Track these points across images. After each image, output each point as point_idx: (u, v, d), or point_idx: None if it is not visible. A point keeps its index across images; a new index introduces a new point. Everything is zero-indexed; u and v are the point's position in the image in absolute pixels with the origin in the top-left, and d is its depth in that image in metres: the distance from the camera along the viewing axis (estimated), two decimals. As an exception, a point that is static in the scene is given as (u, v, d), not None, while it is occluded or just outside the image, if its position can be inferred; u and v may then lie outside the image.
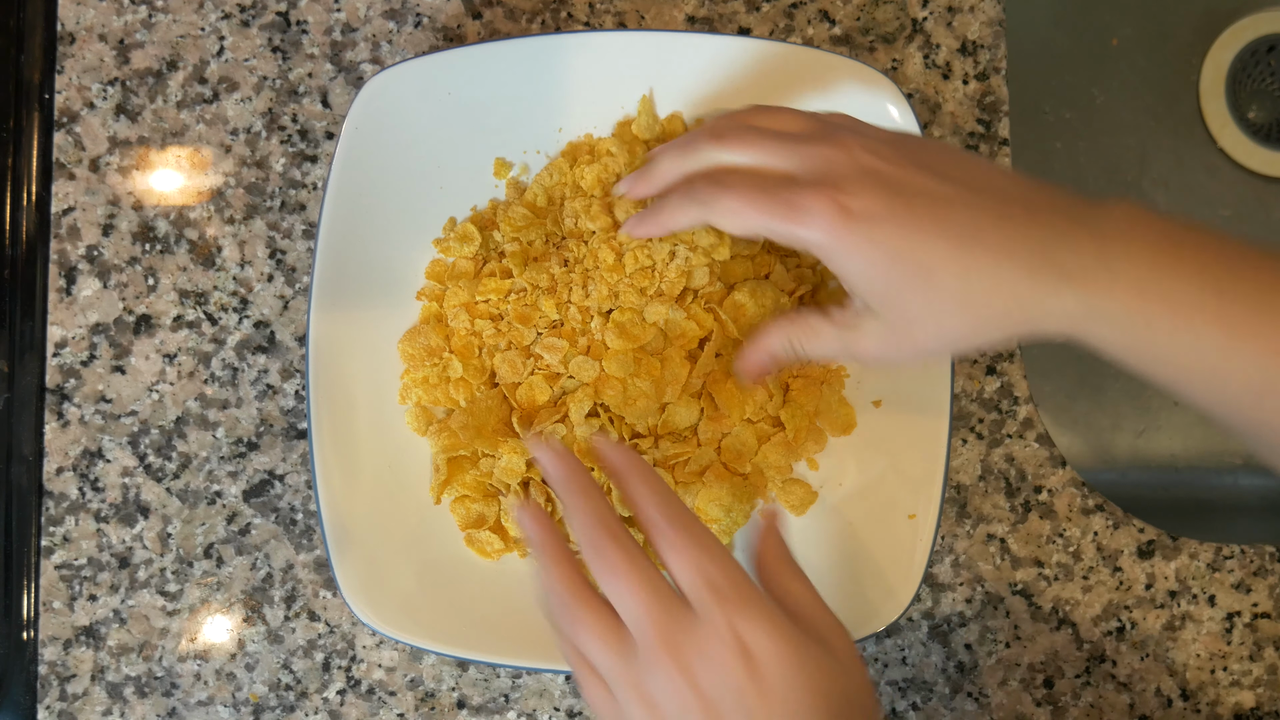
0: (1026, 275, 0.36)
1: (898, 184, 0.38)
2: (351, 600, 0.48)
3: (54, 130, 0.55)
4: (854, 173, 0.38)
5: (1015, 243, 0.36)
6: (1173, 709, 0.54)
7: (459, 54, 0.50)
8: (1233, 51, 0.75)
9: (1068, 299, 0.36)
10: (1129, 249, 0.35)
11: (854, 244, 0.37)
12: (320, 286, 0.49)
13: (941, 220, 0.37)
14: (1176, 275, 0.35)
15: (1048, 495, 0.54)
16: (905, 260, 0.37)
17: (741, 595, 0.34)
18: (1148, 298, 0.35)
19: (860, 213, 0.37)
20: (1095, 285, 0.35)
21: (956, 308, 0.37)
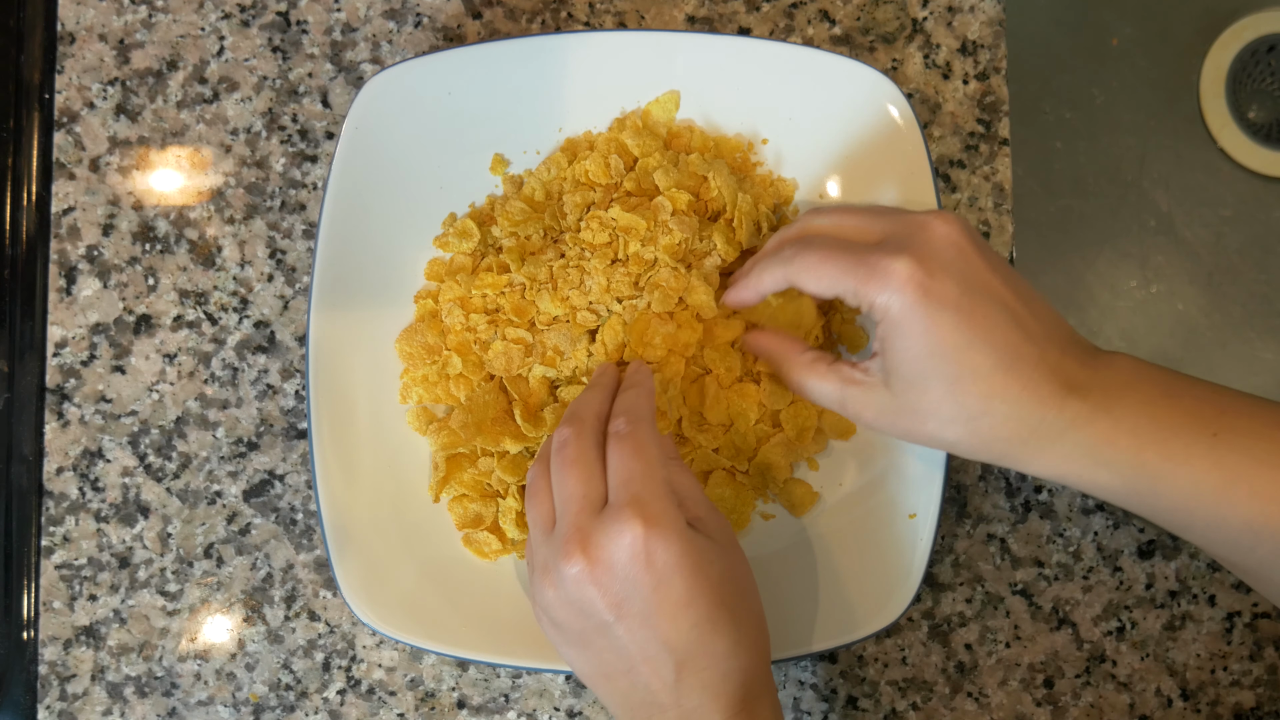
0: (1039, 418, 0.38)
1: (976, 279, 0.39)
2: (351, 600, 0.48)
3: (54, 130, 0.55)
4: (939, 250, 0.39)
5: (1041, 379, 0.38)
6: (1173, 709, 0.54)
7: (459, 54, 0.50)
8: (1233, 51, 0.75)
9: (1069, 445, 0.38)
10: (1131, 402, 0.38)
11: (918, 320, 0.38)
12: (320, 286, 0.49)
13: (999, 334, 0.38)
14: (1174, 425, 0.37)
15: (1048, 495, 0.54)
16: (953, 357, 0.38)
17: (662, 513, 0.38)
18: (1146, 444, 0.37)
19: (936, 294, 0.38)
20: (1096, 434, 0.38)
21: (969, 419, 0.39)
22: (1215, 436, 0.37)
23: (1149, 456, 0.37)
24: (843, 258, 0.40)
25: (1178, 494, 0.37)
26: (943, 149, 0.56)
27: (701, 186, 0.50)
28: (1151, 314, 0.73)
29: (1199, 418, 0.37)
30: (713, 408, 0.50)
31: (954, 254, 0.39)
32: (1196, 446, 0.37)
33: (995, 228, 0.56)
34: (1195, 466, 0.37)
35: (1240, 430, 0.37)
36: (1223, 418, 0.37)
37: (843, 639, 0.48)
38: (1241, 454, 0.36)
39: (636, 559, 0.38)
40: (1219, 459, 0.37)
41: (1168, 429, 0.37)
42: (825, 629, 0.49)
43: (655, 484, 0.39)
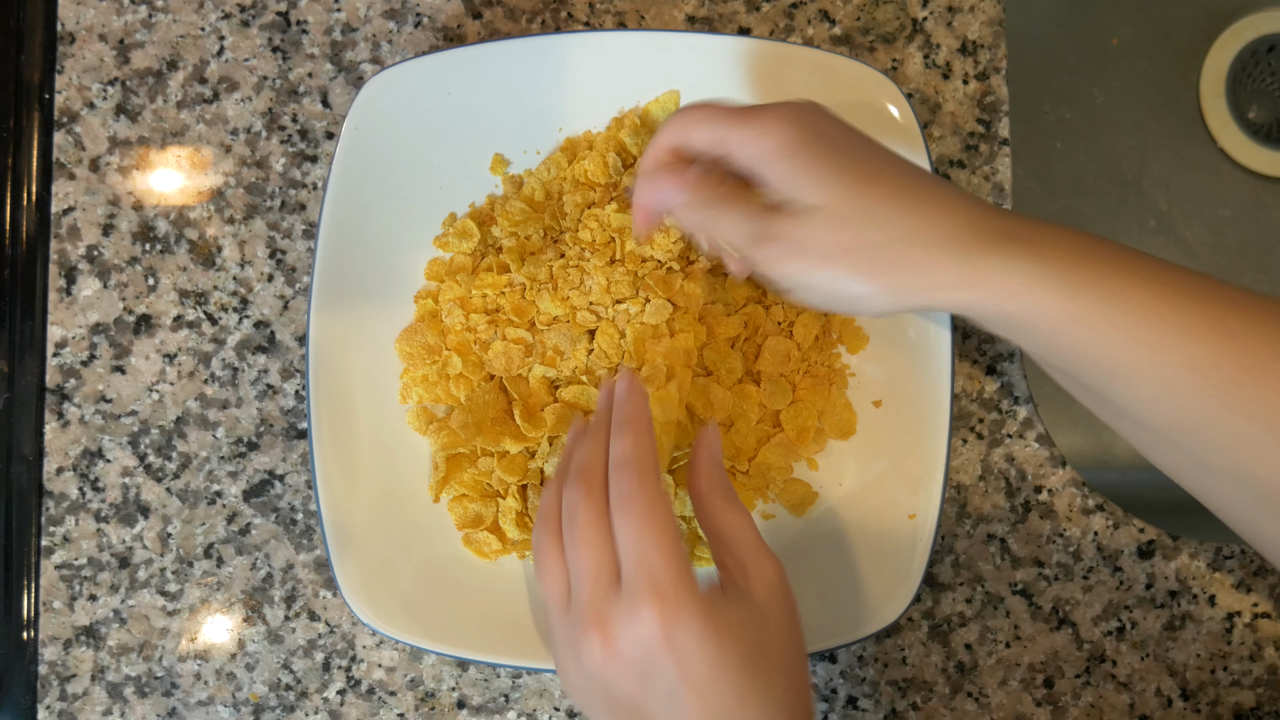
0: (972, 223, 0.38)
1: (839, 135, 0.40)
2: (351, 600, 0.48)
3: (54, 130, 0.55)
4: (810, 113, 0.40)
5: (946, 203, 0.38)
6: (1173, 709, 0.54)
7: (459, 54, 0.50)
8: (1233, 51, 0.75)
9: (988, 273, 0.37)
10: (1061, 230, 0.38)
11: (806, 154, 0.38)
12: (320, 286, 0.49)
13: (895, 171, 0.39)
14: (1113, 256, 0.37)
15: (1048, 495, 0.54)
16: (851, 174, 0.38)
17: (679, 594, 0.36)
18: (1088, 259, 0.37)
19: (814, 126, 0.39)
20: (1011, 263, 0.37)
21: (886, 223, 0.38)
22: (1153, 272, 0.37)
23: (1089, 274, 0.37)
24: (722, 110, 0.40)
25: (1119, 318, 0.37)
26: (943, 149, 0.56)
27: None
28: (1151, 314, 0.73)
29: (1135, 256, 0.38)
30: (713, 408, 0.50)
31: (805, 116, 0.40)
32: (1136, 275, 0.37)
33: (995, 228, 0.56)
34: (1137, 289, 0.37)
35: (1178, 277, 0.37)
36: (1156, 262, 0.38)
37: (843, 639, 0.48)
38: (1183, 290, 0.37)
39: (656, 645, 0.36)
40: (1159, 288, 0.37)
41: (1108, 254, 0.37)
42: (825, 629, 0.49)
43: (670, 558, 0.36)
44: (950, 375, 0.49)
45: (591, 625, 0.37)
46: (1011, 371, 0.55)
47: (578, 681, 0.39)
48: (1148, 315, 0.36)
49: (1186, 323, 0.36)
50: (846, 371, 0.52)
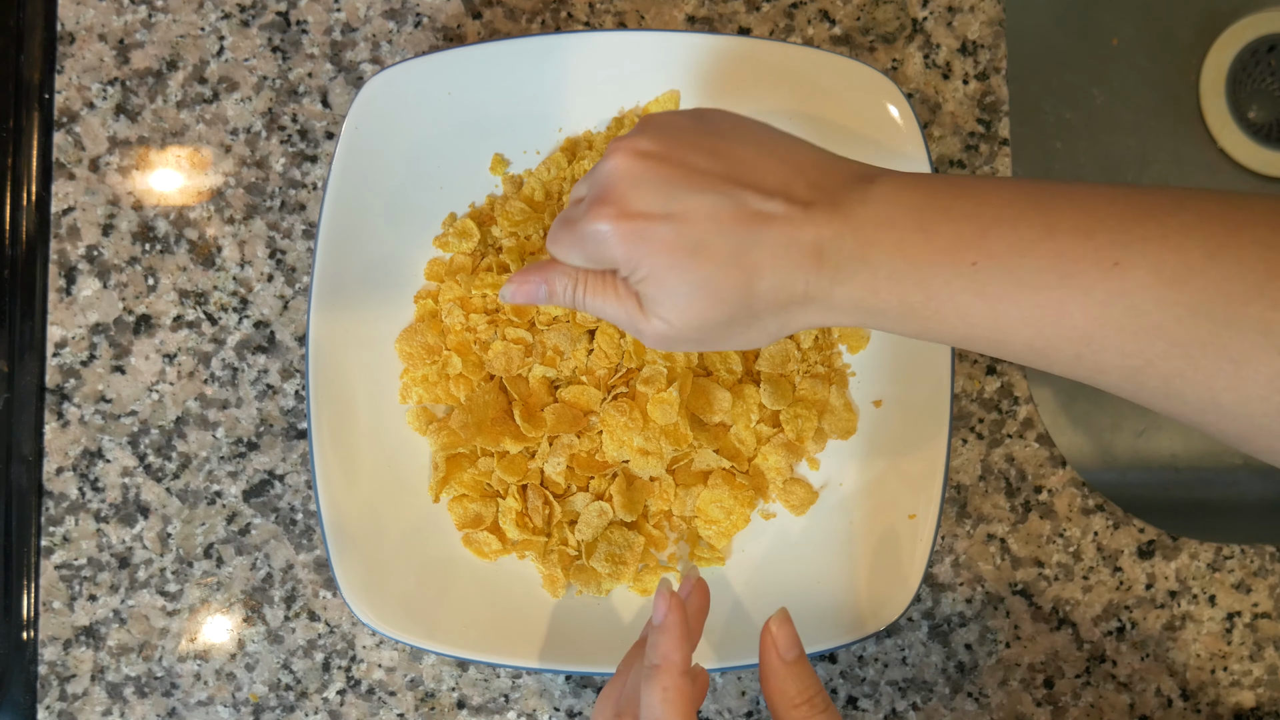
0: (801, 285, 0.36)
1: (674, 185, 0.37)
2: (351, 600, 0.48)
3: (54, 130, 0.55)
4: (633, 178, 0.37)
5: (791, 250, 0.36)
6: (1173, 709, 0.54)
7: (459, 54, 0.50)
8: (1233, 51, 0.75)
9: (839, 298, 0.36)
10: (886, 242, 0.36)
11: (639, 252, 0.37)
12: (320, 286, 0.49)
13: (723, 226, 0.36)
14: (931, 262, 0.35)
15: (1048, 495, 0.54)
16: (687, 269, 0.36)
17: None
18: (908, 288, 0.35)
19: (640, 220, 0.36)
20: (861, 285, 0.36)
21: (739, 310, 0.37)
22: (975, 266, 0.34)
23: (913, 300, 0.35)
24: (564, 233, 0.39)
25: (953, 330, 0.36)
26: (943, 149, 0.56)
27: None
28: (1151, 314, 0.73)
29: (957, 247, 0.35)
30: (713, 408, 0.50)
31: (641, 164, 0.37)
32: (957, 281, 0.34)
33: (995, 228, 0.56)
34: (959, 302, 0.35)
35: (1000, 253, 0.34)
36: (984, 242, 0.34)
37: (843, 639, 0.48)
38: (1003, 279, 0.34)
39: None
40: (981, 289, 0.34)
41: (925, 267, 0.35)
42: (825, 629, 0.49)
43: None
44: (950, 375, 0.49)
45: None
46: (1011, 371, 0.55)
47: None
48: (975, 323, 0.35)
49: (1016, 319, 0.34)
50: (847, 371, 0.52)
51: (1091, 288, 0.33)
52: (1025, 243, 0.34)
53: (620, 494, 0.50)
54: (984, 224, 0.35)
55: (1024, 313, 0.34)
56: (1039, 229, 0.34)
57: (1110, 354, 0.33)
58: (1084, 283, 0.33)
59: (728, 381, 0.51)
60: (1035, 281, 0.33)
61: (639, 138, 0.38)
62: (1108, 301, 0.33)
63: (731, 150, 0.38)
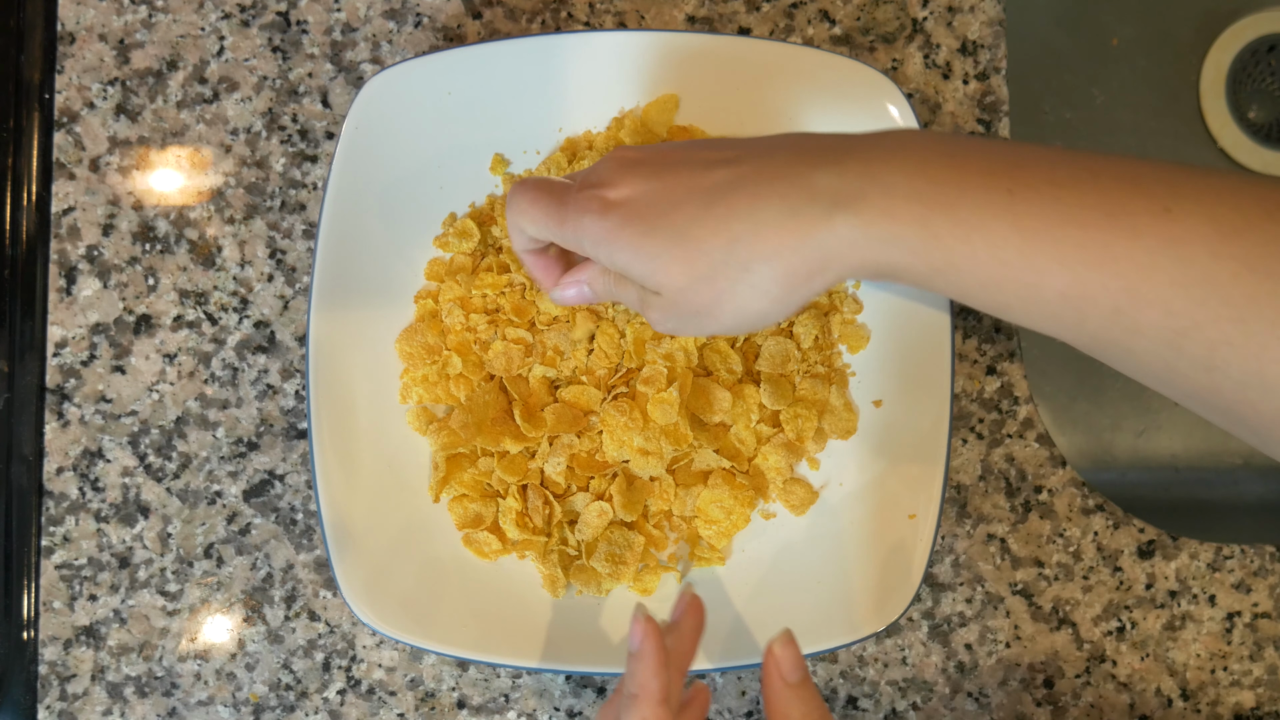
0: (789, 215, 0.32)
1: (656, 166, 0.37)
2: (351, 600, 0.48)
3: (54, 130, 0.55)
4: (618, 169, 0.38)
5: (776, 182, 0.33)
6: (1173, 709, 0.54)
7: (459, 54, 0.50)
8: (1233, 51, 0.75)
9: (842, 228, 0.32)
10: (904, 165, 0.32)
11: (614, 229, 0.36)
12: (320, 286, 0.49)
13: (696, 183, 0.34)
14: (958, 183, 0.31)
15: (1048, 495, 0.54)
16: (663, 231, 0.35)
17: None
18: (931, 208, 0.31)
19: (618, 200, 0.36)
20: (869, 206, 0.32)
21: (727, 264, 0.34)
22: (1010, 194, 0.31)
23: (938, 224, 0.31)
24: (543, 199, 0.39)
25: (979, 266, 0.31)
26: (943, 149, 0.56)
27: None
28: (1151, 314, 0.73)
29: (989, 174, 0.31)
30: (713, 408, 0.50)
31: (635, 156, 0.38)
32: (990, 207, 0.31)
33: (995, 228, 0.56)
34: (992, 231, 0.31)
35: (1038, 185, 0.31)
36: (1017, 172, 0.31)
37: (843, 639, 0.48)
38: (1043, 209, 0.30)
39: None
40: (1017, 219, 0.30)
41: (954, 189, 0.31)
42: (825, 629, 0.49)
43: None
44: (950, 375, 0.49)
45: None
46: (1011, 371, 0.55)
47: None
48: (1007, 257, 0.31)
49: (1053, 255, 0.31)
50: (846, 371, 0.52)
51: (1140, 231, 0.29)
52: (1068, 179, 0.31)
53: (620, 494, 0.50)
54: (1018, 158, 0.32)
55: (1063, 251, 0.30)
56: (1083, 171, 0.31)
57: (1154, 311, 0.30)
58: (1131, 224, 0.29)
59: (728, 381, 0.51)
60: (1079, 218, 0.30)
61: (623, 150, 0.39)
62: (1157, 248, 0.29)
63: (719, 142, 0.38)
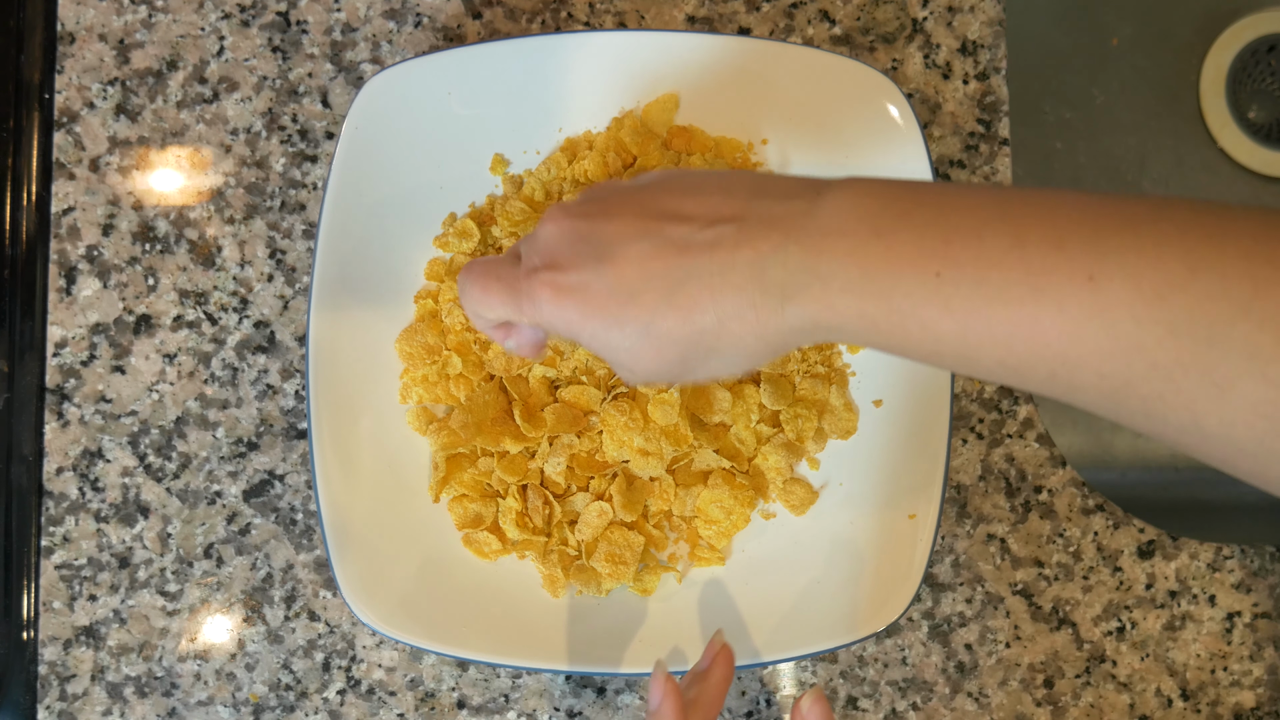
0: (749, 309, 0.34)
1: (602, 241, 0.36)
2: (351, 600, 0.48)
3: (54, 130, 0.55)
4: (562, 243, 0.37)
5: (729, 274, 0.34)
6: (1173, 709, 0.54)
7: (459, 54, 0.50)
8: (1233, 51, 0.75)
9: (793, 318, 0.34)
10: (839, 250, 0.33)
11: (580, 319, 0.36)
12: (320, 286, 0.49)
13: (650, 268, 0.35)
14: (890, 270, 0.32)
15: (1048, 495, 0.54)
16: (626, 323, 0.35)
17: None
18: (865, 300, 0.33)
19: (573, 286, 0.36)
20: (812, 300, 0.33)
21: (694, 350, 0.36)
22: (939, 276, 0.32)
23: (873, 314, 0.33)
24: (494, 286, 0.38)
25: (918, 344, 0.33)
26: (943, 149, 0.56)
27: None
28: (1151, 314, 0.73)
29: (919, 255, 0.32)
30: (713, 408, 0.50)
31: (579, 226, 0.36)
32: (921, 292, 0.32)
33: (995, 228, 0.56)
34: (924, 316, 0.32)
35: (965, 263, 0.31)
36: (948, 250, 0.32)
37: (843, 639, 0.48)
38: (970, 292, 0.31)
39: None
40: (947, 303, 0.31)
41: (885, 277, 0.32)
42: (825, 629, 0.49)
43: None
44: (950, 375, 0.49)
45: None
46: (1011, 371, 0.55)
47: None
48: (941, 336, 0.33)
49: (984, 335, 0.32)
50: (847, 371, 0.52)
51: (1065, 303, 0.30)
52: (993, 252, 0.31)
53: (620, 494, 0.50)
54: (947, 231, 0.32)
55: (994, 329, 0.31)
56: (1007, 238, 0.31)
57: (1086, 374, 0.31)
58: (1057, 297, 0.30)
59: (727, 382, 0.51)
60: (1005, 295, 0.31)
61: (572, 203, 0.37)
62: (1083, 319, 0.30)
63: (658, 195, 0.36)
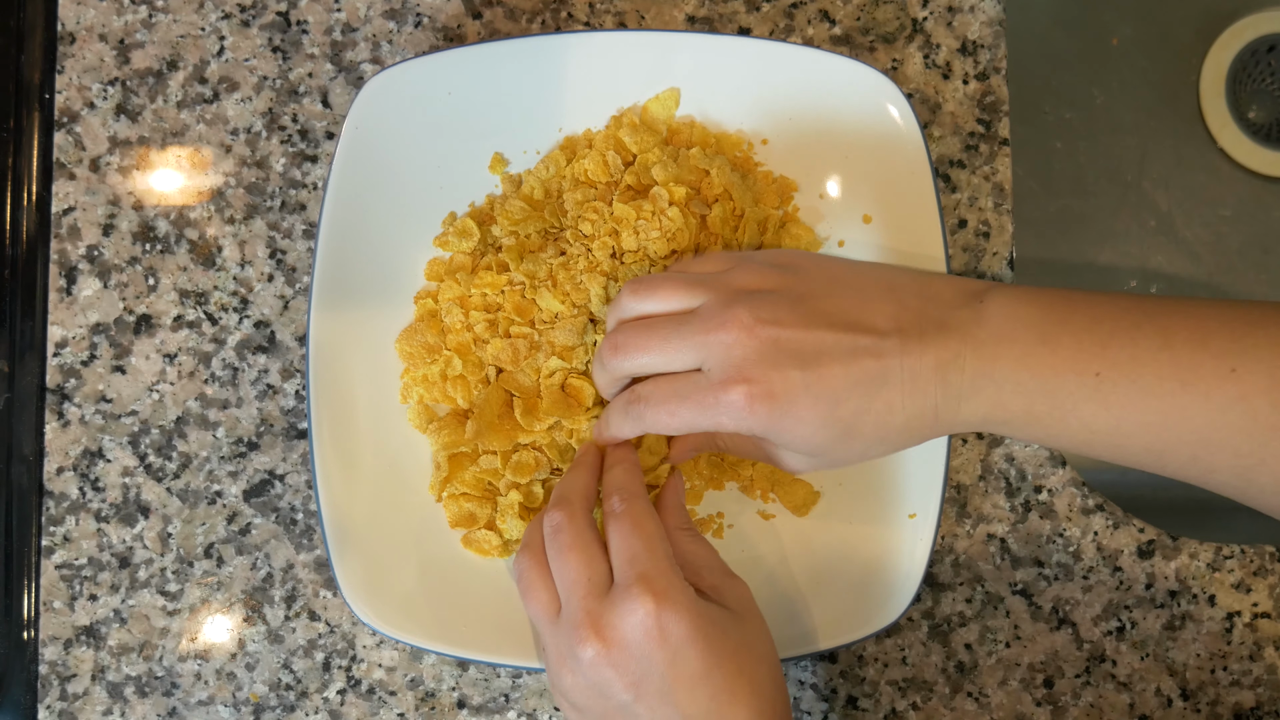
0: (931, 409, 0.39)
1: (803, 351, 0.39)
2: (351, 600, 0.48)
3: (54, 130, 0.55)
4: (760, 354, 0.39)
5: (917, 379, 0.39)
6: (1173, 709, 0.54)
7: (459, 54, 0.50)
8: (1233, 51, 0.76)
9: (966, 414, 0.39)
10: (1010, 356, 0.38)
11: (784, 422, 0.39)
12: (320, 286, 0.49)
13: (850, 375, 0.39)
14: (1055, 371, 0.38)
15: (1048, 495, 0.54)
16: (830, 425, 0.39)
17: (669, 587, 0.38)
18: (1033, 399, 0.38)
19: (781, 394, 0.39)
20: (985, 400, 0.39)
21: (878, 444, 0.41)
22: (1099, 376, 0.37)
23: (1039, 410, 0.38)
24: (684, 406, 0.41)
25: (1073, 434, 0.38)
26: (943, 149, 0.56)
27: (703, 182, 0.50)
28: (1151, 314, 0.73)
29: (1080, 358, 0.37)
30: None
31: (769, 334, 0.40)
32: (1082, 390, 0.37)
33: (995, 228, 0.56)
34: (1083, 412, 0.37)
35: (1122, 363, 0.37)
36: (1105, 353, 0.37)
37: (843, 639, 0.48)
38: (1127, 389, 0.37)
39: (650, 636, 0.37)
40: (1105, 400, 0.37)
41: (1051, 379, 0.38)
42: (825, 629, 0.49)
43: (659, 559, 0.39)
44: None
45: (585, 626, 0.38)
46: (1011, 371, 0.55)
47: (573, 689, 0.40)
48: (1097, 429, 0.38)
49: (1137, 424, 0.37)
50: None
51: (1210, 393, 0.35)
52: (1146, 352, 0.37)
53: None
54: (1103, 335, 0.37)
55: (1145, 418, 0.36)
56: (1156, 339, 0.37)
57: (1224, 454, 0.36)
58: (1203, 389, 0.36)
59: None
60: (1157, 389, 0.36)
61: (744, 309, 0.40)
62: (1226, 406, 0.35)
63: (837, 303, 0.41)
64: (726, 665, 0.38)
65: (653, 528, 0.40)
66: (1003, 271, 0.56)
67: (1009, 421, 0.39)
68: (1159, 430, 0.36)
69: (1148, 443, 0.37)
